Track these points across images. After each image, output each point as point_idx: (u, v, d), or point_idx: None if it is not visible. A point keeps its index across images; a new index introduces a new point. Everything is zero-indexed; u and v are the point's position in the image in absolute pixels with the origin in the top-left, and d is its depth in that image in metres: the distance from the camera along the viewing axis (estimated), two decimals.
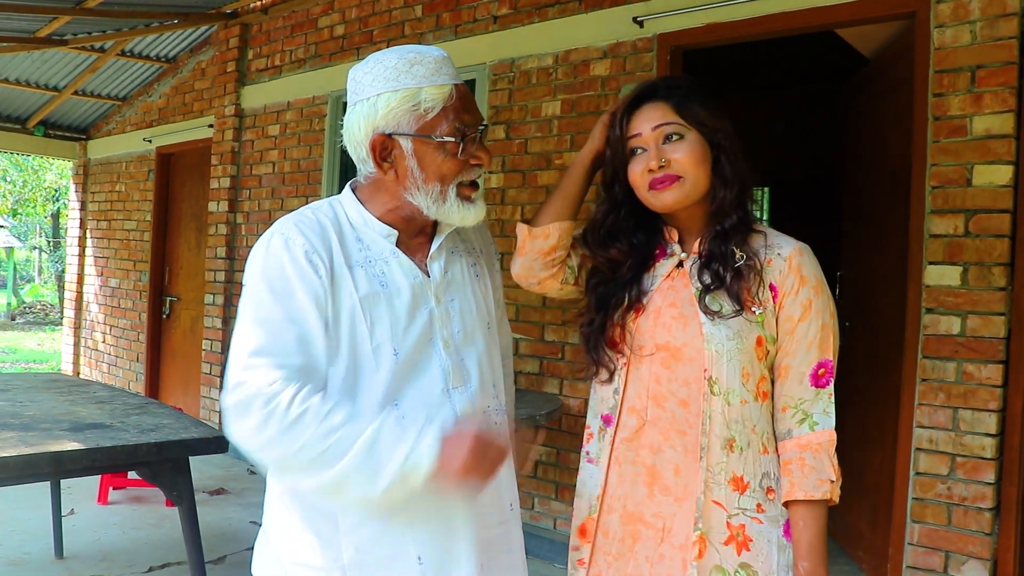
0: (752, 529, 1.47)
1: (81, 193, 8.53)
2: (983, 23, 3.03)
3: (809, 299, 1.48)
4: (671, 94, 1.53)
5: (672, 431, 1.50)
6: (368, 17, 5.34)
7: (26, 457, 2.32)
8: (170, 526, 4.46)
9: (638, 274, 1.61)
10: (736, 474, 1.47)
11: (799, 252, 1.51)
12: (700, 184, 1.51)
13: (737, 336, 1.46)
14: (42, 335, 16.58)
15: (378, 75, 1.41)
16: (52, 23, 5.85)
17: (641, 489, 1.52)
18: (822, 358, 1.48)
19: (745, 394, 1.48)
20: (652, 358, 1.53)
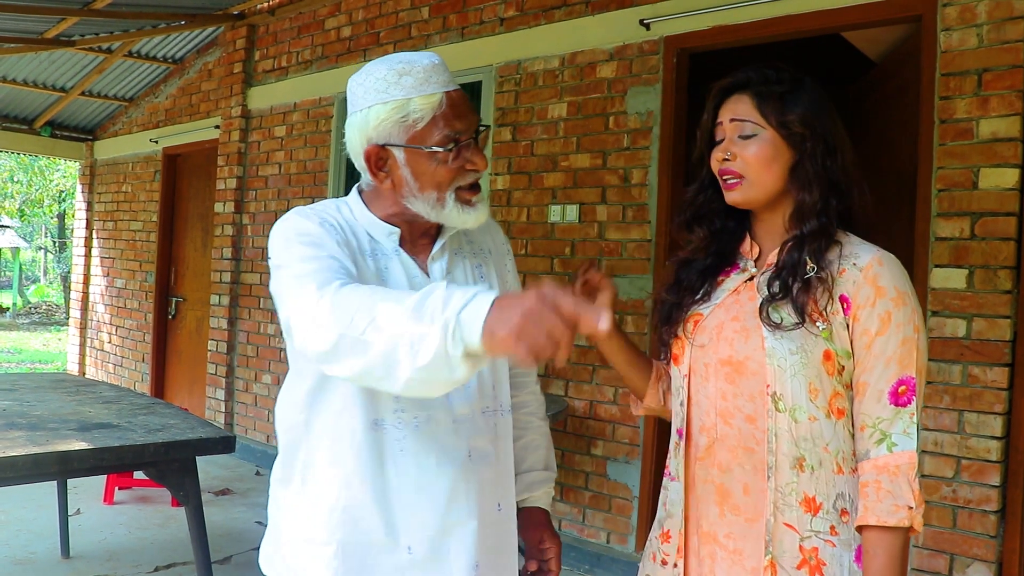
0: (825, 552, 1.40)
1: (87, 194, 8.56)
2: (990, 26, 3.03)
3: (888, 311, 1.39)
4: (759, 89, 1.47)
5: (740, 448, 1.45)
6: (375, 19, 5.35)
7: (34, 456, 2.33)
8: (176, 526, 4.48)
9: (715, 266, 1.57)
10: (808, 495, 1.41)
11: (877, 262, 1.41)
12: (766, 186, 1.46)
13: (801, 350, 1.39)
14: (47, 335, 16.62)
15: (369, 87, 1.42)
16: (60, 24, 5.88)
17: (713, 509, 1.48)
18: (903, 375, 1.38)
19: (814, 411, 1.41)
20: (717, 374, 1.48)
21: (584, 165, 4.21)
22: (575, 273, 1.62)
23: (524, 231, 4.42)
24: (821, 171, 1.44)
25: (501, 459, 1.56)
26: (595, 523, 4.13)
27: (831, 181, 1.44)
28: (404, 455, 1.42)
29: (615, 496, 4.06)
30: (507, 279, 1.68)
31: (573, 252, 4.24)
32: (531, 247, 4.39)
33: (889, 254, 1.43)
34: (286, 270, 1.35)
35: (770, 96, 1.46)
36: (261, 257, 6.04)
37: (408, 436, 1.42)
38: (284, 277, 1.35)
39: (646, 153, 3.98)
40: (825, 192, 1.44)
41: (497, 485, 1.54)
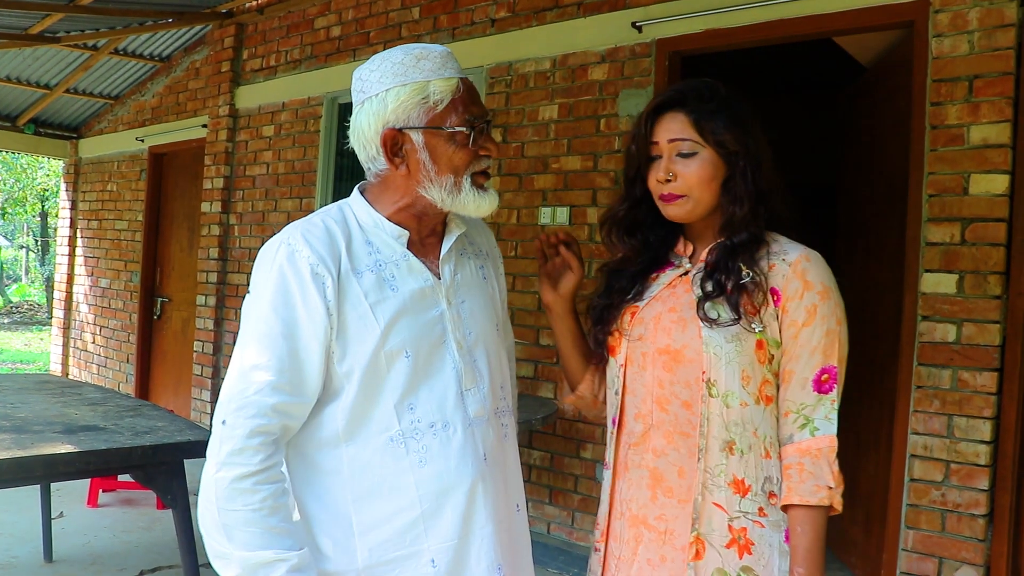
0: (754, 533, 1.46)
1: (72, 192, 8.48)
2: (981, 33, 3.05)
3: (814, 304, 1.47)
4: (695, 107, 1.51)
5: (675, 433, 1.50)
6: (365, 19, 5.32)
7: (18, 460, 2.30)
8: (161, 529, 4.43)
9: (646, 269, 1.63)
10: (737, 477, 1.47)
11: (805, 258, 1.50)
12: (705, 202, 1.52)
13: (736, 339, 1.46)
14: (29, 335, 16.46)
15: (386, 71, 1.43)
16: (45, 20, 5.82)
17: (644, 492, 1.53)
18: (826, 364, 1.47)
19: (745, 396, 1.47)
20: (655, 363, 1.53)
21: (575, 167, 4.20)
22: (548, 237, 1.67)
23: (514, 233, 4.41)
24: (751, 185, 1.51)
25: (511, 459, 1.57)
26: (585, 526, 4.12)
27: (758, 192, 1.51)
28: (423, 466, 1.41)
29: None
30: (501, 282, 1.70)
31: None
32: (521, 249, 4.38)
33: (815, 252, 1.53)
34: (247, 317, 1.41)
35: (705, 114, 1.51)
36: (248, 257, 6.00)
37: (427, 446, 1.41)
38: (244, 320, 1.42)
39: None
40: (753, 204, 1.51)
41: (510, 486, 1.55)
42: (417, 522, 1.41)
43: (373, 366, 1.39)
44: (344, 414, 1.40)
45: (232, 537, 1.31)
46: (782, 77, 6.45)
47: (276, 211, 5.79)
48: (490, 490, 1.46)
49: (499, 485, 1.49)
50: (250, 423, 1.33)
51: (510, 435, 1.58)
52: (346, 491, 1.41)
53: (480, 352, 1.52)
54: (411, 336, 1.41)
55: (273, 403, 1.34)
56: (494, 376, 1.54)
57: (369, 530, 1.41)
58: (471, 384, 1.48)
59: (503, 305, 1.69)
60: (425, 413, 1.41)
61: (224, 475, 1.32)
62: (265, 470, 1.33)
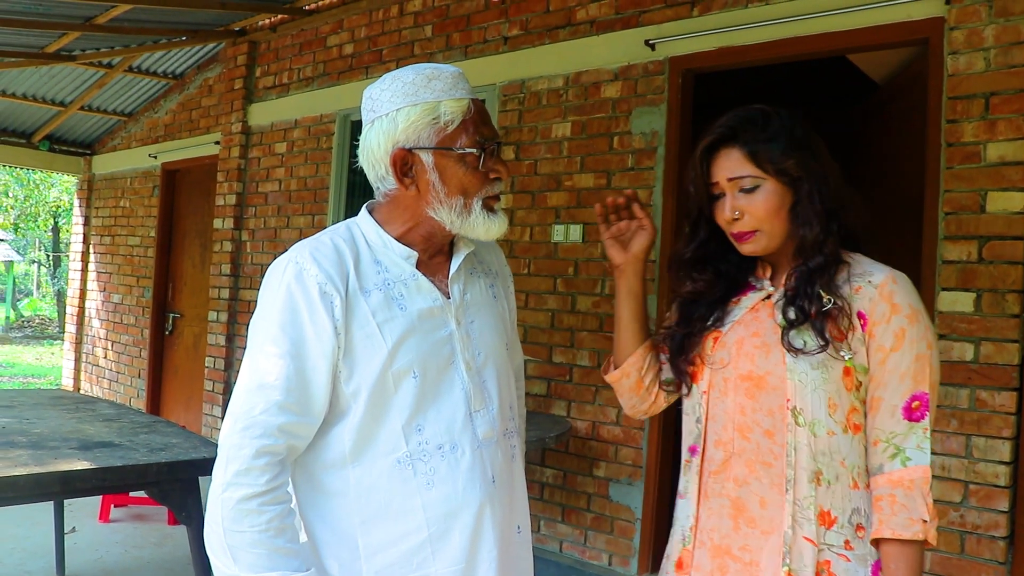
0: (838, 566, 1.41)
1: (85, 208, 8.53)
2: (997, 50, 3.04)
3: (902, 328, 1.41)
4: (748, 140, 1.48)
5: (757, 463, 1.46)
6: (377, 36, 5.35)
7: (36, 476, 2.30)
8: (172, 545, 4.43)
9: (725, 296, 1.58)
10: (823, 508, 1.42)
11: (892, 280, 1.44)
12: (779, 232, 1.48)
13: (822, 365, 1.41)
14: (40, 349, 16.53)
15: (396, 90, 1.42)
16: (61, 39, 5.88)
17: (727, 522, 1.49)
18: (916, 390, 1.41)
19: (832, 425, 1.42)
20: (736, 389, 1.49)
21: (588, 185, 4.20)
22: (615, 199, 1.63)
23: (527, 251, 4.41)
24: (818, 205, 1.46)
25: (517, 480, 1.55)
26: (597, 545, 4.09)
27: (827, 211, 1.47)
28: (431, 488, 1.40)
29: (617, 518, 4.03)
30: (511, 300, 1.69)
31: (576, 272, 4.23)
32: (534, 267, 4.38)
33: (902, 273, 1.47)
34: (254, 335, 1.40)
35: (761, 145, 1.47)
36: (260, 274, 6.00)
37: (435, 468, 1.40)
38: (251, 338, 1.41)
39: (651, 174, 3.98)
40: (824, 223, 1.46)
41: (514, 508, 1.53)
42: (424, 545, 1.39)
43: (380, 386, 1.38)
44: (351, 435, 1.39)
45: (238, 559, 1.30)
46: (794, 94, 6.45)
47: (288, 228, 5.81)
48: (497, 513, 1.45)
49: (505, 508, 1.48)
50: (256, 443, 1.31)
51: (518, 456, 1.57)
52: (353, 513, 1.40)
53: (490, 372, 1.50)
54: (419, 356, 1.40)
55: (280, 423, 1.33)
56: (503, 397, 1.52)
57: (376, 553, 1.39)
58: (480, 405, 1.46)
59: (513, 324, 1.68)
60: (433, 435, 1.40)
61: (230, 495, 1.31)
62: (271, 490, 1.32)
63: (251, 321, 1.42)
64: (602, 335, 4.10)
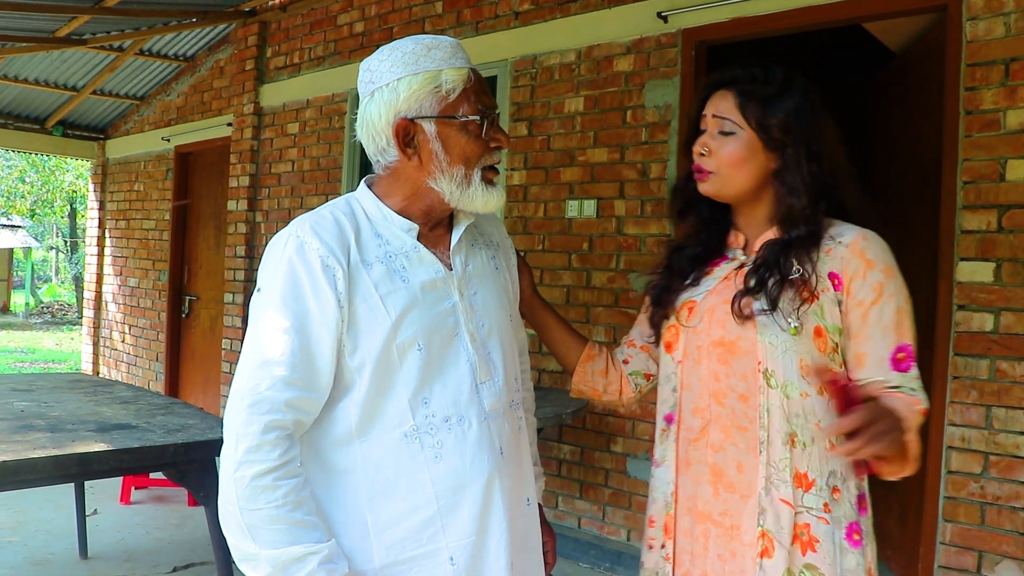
0: (818, 529, 1.42)
1: (99, 193, 8.56)
2: (1017, 15, 2.98)
3: (880, 283, 1.42)
4: (745, 88, 1.50)
5: (733, 428, 1.47)
6: (388, 14, 5.32)
7: (54, 458, 2.31)
8: (193, 525, 4.47)
9: (705, 255, 1.61)
10: (799, 470, 1.43)
11: (863, 237, 1.45)
12: (735, 184, 1.50)
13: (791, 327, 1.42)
14: (60, 335, 16.69)
15: (396, 60, 1.41)
16: (71, 23, 5.87)
17: (707, 488, 1.50)
18: (900, 342, 1.41)
19: (806, 387, 1.42)
20: (709, 356, 1.51)
21: (602, 159, 4.17)
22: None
23: (541, 226, 4.39)
24: (807, 177, 1.46)
25: (524, 452, 1.55)
26: (615, 520, 4.09)
27: (818, 185, 1.47)
28: (439, 462, 1.39)
29: (635, 493, 4.02)
30: (513, 272, 1.68)
31: (591, 247, 4.20)
32: (548, 242, 4.36)
33: (872, 231, 1.47)
34: (256, 311, 1.38)
35: (754, 97, 1.48)
36: None
37: (442, 441, 1.39)
38: (253, 314, 1.39)
39: (664, 147, 3.94)
40: (814, 197, 1.47)
41: (523, 480, 1.52)
42: (434, 519, 1.38)
43: (385, 359, 1.36)
44: (357, 409, 1.38)
45: (257, 537, 1.29)
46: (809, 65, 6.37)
47: (302, 208, 5.81)
48: (507, 485, 1.44)
49: (515, 479, 1.47)
50: (264, 419, 1.30)
51: (524, 428, 1.56)
52: (361, 489, 1.39)
53: (494, 344, 1.49)
54: (423, 328, 1.39)
55: (286, 398, 1.32)
56: (508, 368, 1.51)
57: (385, 528, 1.38)
58: (485, 377, 1.45)
59: (516, 296, 1.67)
60: (439, 407, 1.39)
61: (243, 473, 1.29)
62: (284, 464, 1.30)
63: (252, 297, 1.41)
64: (618, 310, 4.08)
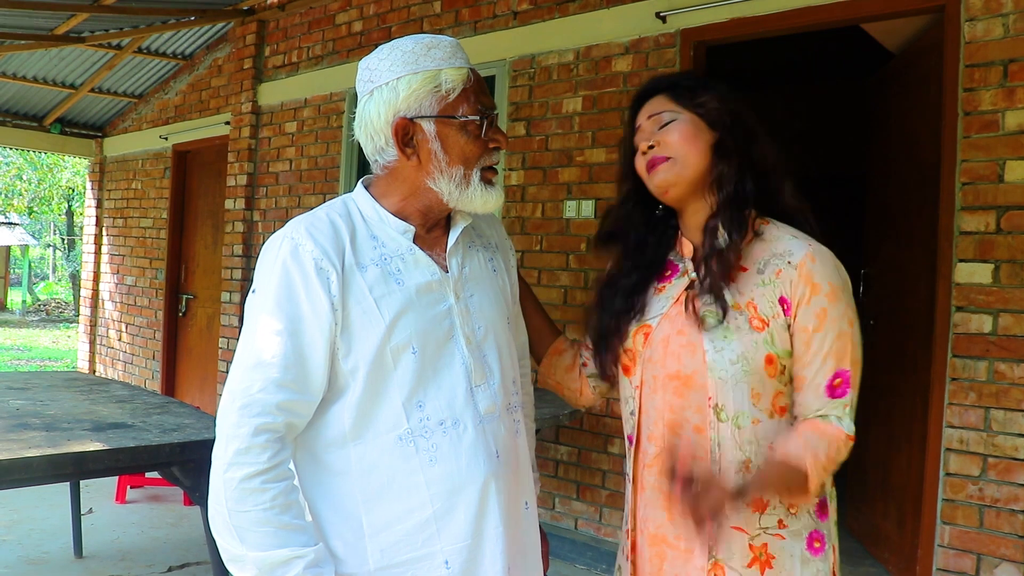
0: (774, 546, 1.42)
1: (97, 191, 8.55)
2: (1016, 16, 2.98)
3: (823, 308, 1.40)
4: (672, 86, 1.52)
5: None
6: (386, 13, 5.31)
7: (49, 457, 2.30)
8: (188, 525, 4.46)
9: (644, 279, 1.58)
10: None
11: (810, 257, 1.42)
12: (692, 161, 1.47)
13: (742, 359, 1.41)
14: (56, 332, 16.67)
15: (396, 59, 1.40)
16: (70, 20, 5.86)
17: (661, 513, 1.49)
18: (838, 368, 1.40)
19: (757, 414, 1.42)
20: (665, 387, 1.49)
21: (600, 160, 4.16)
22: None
23: (539, 227, 4.38)
24: (740, 147, 1.47)
25: (522, 456, 1.54)
26: (612, 522, 4.09)
27: (750, 160, 1.47)
28: (434, 465, 1.38)
29: None
30: (512, 274, 1.67)
31: (589, 248, 4.20)
32: (546, 243, 4.35)
33: (821, 247, 1.45)
34: (250, 313, 1.38)
35: (682, 89, 1.50)
36: None
37: (437, 444, 1.38)
38: (247, 316, 1.39)
39: None
40: (743, 167, 1.46)
41: (520, 484, 1.51)
42: (429, 522, 1.37)
43: (378, 362, 1.36)
44: (351, 412, 1.37)
45: (245, 539, 1.29)
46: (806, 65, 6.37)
47: (300, 207, 5.80)
48: (503, 488, 1.43)
49: (511, 483, 1.46)
50: (255, 421, 1.30)
51: (522, 431, 1.55)
52: (355, 492, 1.38)
53: (490, 347, 1.48)
54: (418, 331, 1.38)
55: (278, 400, 1.32)
56: (505, 371, 1.50)
57: (380, 531, 1.38)
58: (481, 380, 1.44)
59: (514, 299, 1.66)
60: (434, 410, 1.38)
61: (232, 475, 1.29)
62: (273, 467, 1.30)
63: (247, 298, 1.41)
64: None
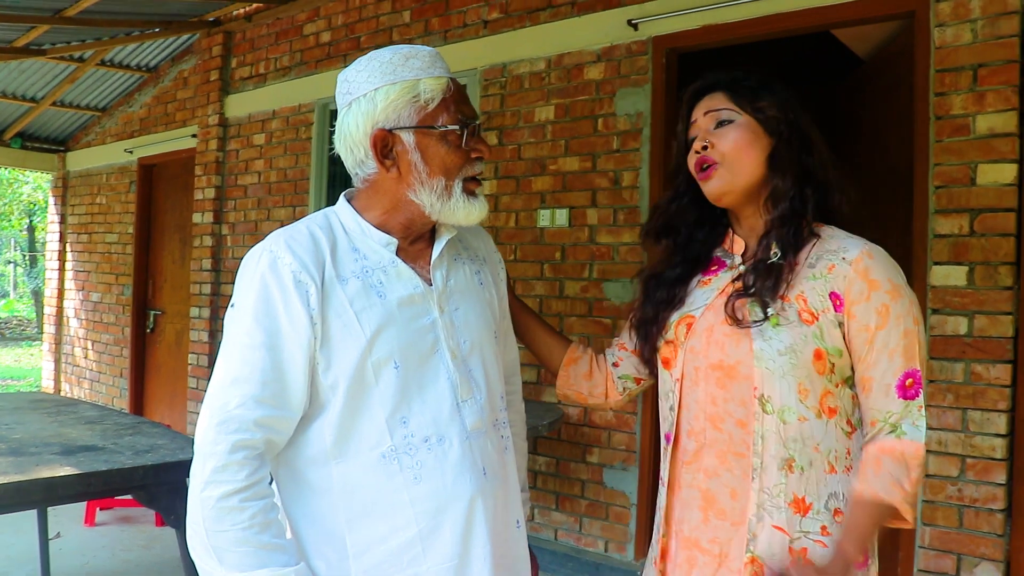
0: (815, 553, 1.36)
1: (60, 206, 8.38)
2: (984, 21, 3.01)
3: (885, 304, 1.35)
4: (732, 84, 1.48)
5: (729, 453, 1.42)
6: (355, 23, 5.26)
7: (17, 484, 2.21)
8: (160, 547, 4.36)
9: (688, 273, 1.55)
10: (797, 495, 1.37)
11: (867, 255, 1.38)
12: (745, 170, 1.44)
13: (790, 351, 1.36)
14: (19, 351, 16.32)
15: (374, 70, 1.38)
16: (30, 32, 5.74)
17: (696, 514, 1.45)
18: (908, 367, 1.35)
19: (804, 411, 1.37)
20: (708, 378, 1.45)
21: (573, 168, 4.15)
22: None
23: (513, 236, 4.35)
24: (796, 158, 1.44)
25: (510, 474, 1.50)
26: (592, 531, 4.06)
27: (806, 171, 1.44)
28: (418, 483, 1.35)
29: (612, 504, 4.00)
30: (501, 288, 1.63)
31: (564, 257, 4.18)
32: (520, 252, 4.32)
33: (878, 247, 1.42)
34: (229, 328, 1.36)
35: (742, 88, 1.47)
36: None
37: (421, 461, 1.35)
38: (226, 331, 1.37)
39: (636, 155, 3.93)
40: (800, 180, 1.43)
41: (509, 502, 1.48)
42: (414, 542, 1.34)
43: (359, 377, 1.33)
44: (332, 429, 1.34)
45: (223, 559, 1.25)
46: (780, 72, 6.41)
47: (269, 220, 5.72)
48: (490, 506, 1.39)
49: (499, 501, 1.43)
50: (232, 438, 1.27)
51: (511, 448, 1.52)
52: (338, 510, 1.35)
53: (476, 361, 1.45)
54: (400, 345, 1.35)
55: (256, 417, 1.28)
56: (492, 386, 1.47)
57: (364, 551, 1.34)
58: (467, 395, 1.41)
59: (503, 313, 1.62)
60: (419, 427, 1.35)
61: (209, 494, 1.26)
62: (251, 486, 1.27)
63: (226, 313, 1.38)
64: (592, 320, 4.06)
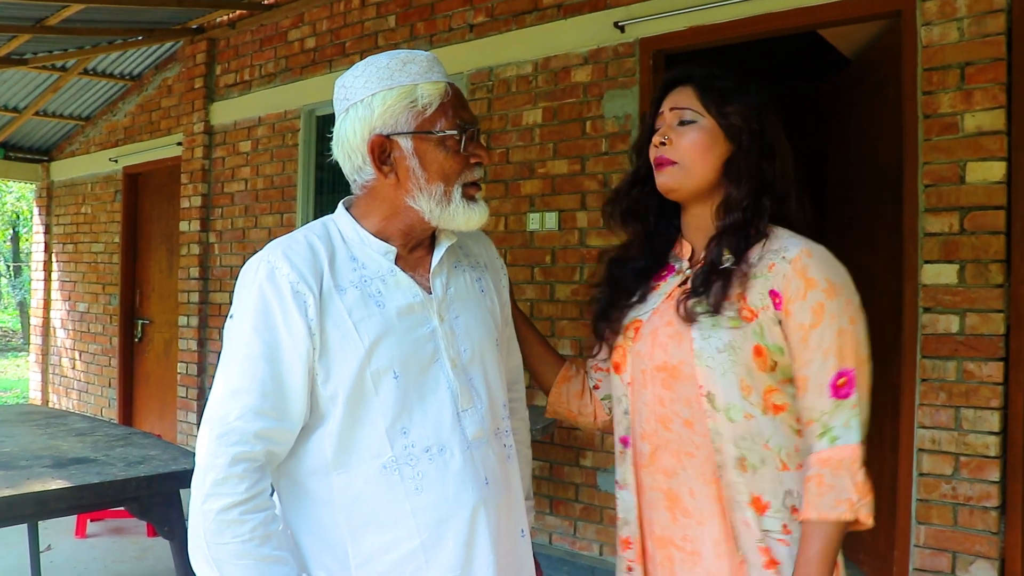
0: (779, 552, 1.37)
1: (45, 216, 8.31)
2: (970, 20, 3.02)
3: (820, 303, 1.35)
4: (703, 82, 1.48)
5: (682, 453, 1.43)
6: (340, 29, 5.24)
7: (7, 499, 2.19)
8: (153, 558, 4.32)
9: (651, 268, 1.56)
10: (754, 494, 1.38)
11: (806, 253, 1.38)
12: (698, 175, 1.45)
13: (729, 348, 1.37)
14: (4, 362, 16.18)
15: (371, 76, 1.37)
16: (11, 42, 5.68)
17: (664, 514, 1.46)
18: (841, 367, 1.34)
19: (749, 408, 1.37)
20: (654, 380, 1.46)
21: (562, 171, 4.14)
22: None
23: (503, 240, 4.34)
24: (755, 168, 1.43)
25: (513, 482, 1.49)
26: (587, 535, 4.05)
27: (764, 181, 1.44)
28: (420, 493, 1.33)
29: (606, 507, 3.99)
30: (503, 295, 1.62)
31: (554, 260, 4.17)
32: (511, 256, 4.31)
33: (819, 246, 1.42)
34: (228, 339, 1.34)
35: (713, 89, 1.46)
36: (230, 276, 5.89)
37: (423, 472, 1.33)
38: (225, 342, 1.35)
39: (625, 157, 3.92)
40: (756, 190, 1.43)
41: (513, 511, 1.47)
42: (417, 553, 1.33)
43: (358, 387, 1.32)
44: (332, 440, 1.33)
45: (224, 572, 1.24)
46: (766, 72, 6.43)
47: (256, 227, 5.69)
48: (492, 516, 1.38)
49: (502, 510, 1.42)
50: (232, 450, 1.26)
51: (514, 456, 1.51)
52: (340, 521, 1.34)
53: (477, 370, 1.44)
54: (399, 355, 1.34)
55: (256, 429, 1.27)
56: (494, 394, 1.46)
57: (366, 562, 1.33)
58: (468, 404, 1.40)
59: (505, 321, 1.61)
60: (419, 437, 1.34)
61: (210, 507, 1.25)
62: (251, 498, 1.26)
63: (225, 324, 1.37)
64: (583, 323, 4.05)
